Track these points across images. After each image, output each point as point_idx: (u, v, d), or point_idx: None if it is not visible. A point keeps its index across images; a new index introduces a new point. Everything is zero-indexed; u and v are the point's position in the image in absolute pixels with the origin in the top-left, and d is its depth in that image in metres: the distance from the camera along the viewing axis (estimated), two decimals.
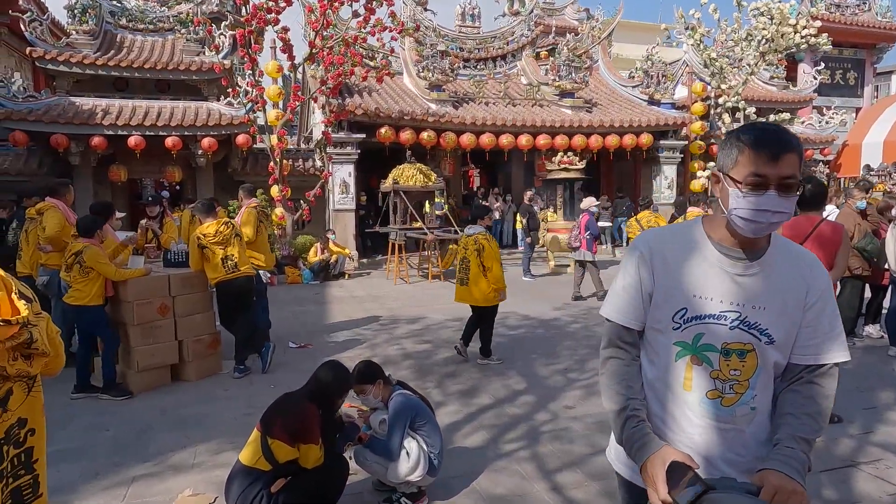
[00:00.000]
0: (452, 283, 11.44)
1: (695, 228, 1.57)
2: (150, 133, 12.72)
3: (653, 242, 1.58)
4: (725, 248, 1.50)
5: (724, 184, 1.45)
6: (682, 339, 1.52)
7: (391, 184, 11.00)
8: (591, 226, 8.99)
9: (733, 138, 1.45)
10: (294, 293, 10.31)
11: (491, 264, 5.36)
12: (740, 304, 1.47)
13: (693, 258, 1.52)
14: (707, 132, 16.57)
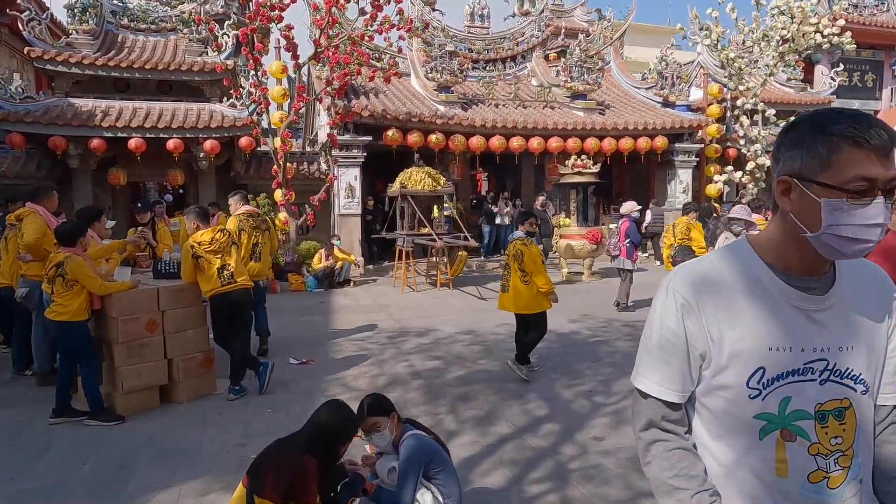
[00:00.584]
0: (461, 292, 11.14)
1: (745, 255, 1.19)
2: (151, 135, 12.36)
3: (696, 282, 1.18)
4: (793, 277, 1.16)
5: (805, 193, 1.08)
6: (765, 411, 1.13)
7: (398, 188, 10.58)
8: (631, 233, 8.50)
9: (814, 130, 1.06)
10: (297, 301, 9.89)
11: (531, 269, 5.10)
12: (826, 349, 1.14)
13: (755, 297, 1.15)
14: (723, 135, 16.09)
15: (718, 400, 1.17)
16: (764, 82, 14.98)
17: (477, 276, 12.88)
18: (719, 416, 1.18)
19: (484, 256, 14.89)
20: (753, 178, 15.21)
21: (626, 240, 8.51)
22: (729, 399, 1.15)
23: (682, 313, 1.17)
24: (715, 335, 1.15)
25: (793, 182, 1.10)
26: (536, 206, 11.04)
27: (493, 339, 7.03)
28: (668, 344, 1.18)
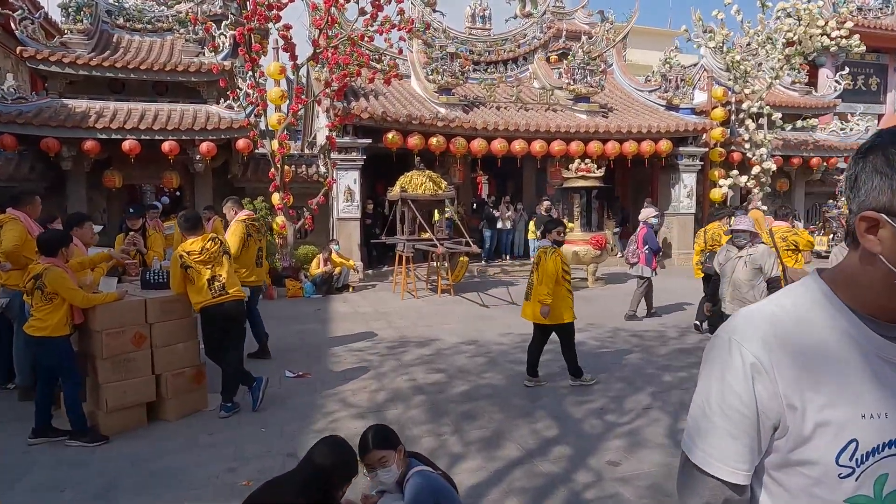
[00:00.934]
0: (463, 299, 10.89)
1: (824, 299, 0.96)
2: (146, 137, 12.09)
3: (768, 335, 0.94)
4: (883, 326, 0.94)
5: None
6: (860, 493, 0.91)
7: (399, 192, 10.33)
8: (649, 239, 8.30)
9: None
10: (294, 308, 9.63)
11: (542, 279, 5.15)
12: None
13: (842, 352, 0.93)
14: (727, 139, 15.86)
15: (798, 478, 0.94)
16: (770, 85, 14.77)
17: (478, 282, 12.63)
18: (798, 498, 0.95)
19: (485, 261, 14.63)
20: (759, 183, 14.99)
21: (645, 246, 8.28)
22: (812, 478, 0.93)
23: (753, 375, 0.93)
24: (796, 401, 0.91)
25: (881, 218, 0.88)
26: (541, 210, 10.70)
27: (497, 349, 6.78)
28: (734, 413, 0.95)
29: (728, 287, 5.02)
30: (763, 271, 4.87)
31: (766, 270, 4.86)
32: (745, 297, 4.86)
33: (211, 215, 10.07)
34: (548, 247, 5.35)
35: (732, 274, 4.98)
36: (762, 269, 4.86)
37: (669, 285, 11.53)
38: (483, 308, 9.47)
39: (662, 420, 4.51)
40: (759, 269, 4.86)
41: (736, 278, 4.95)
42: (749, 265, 4.89)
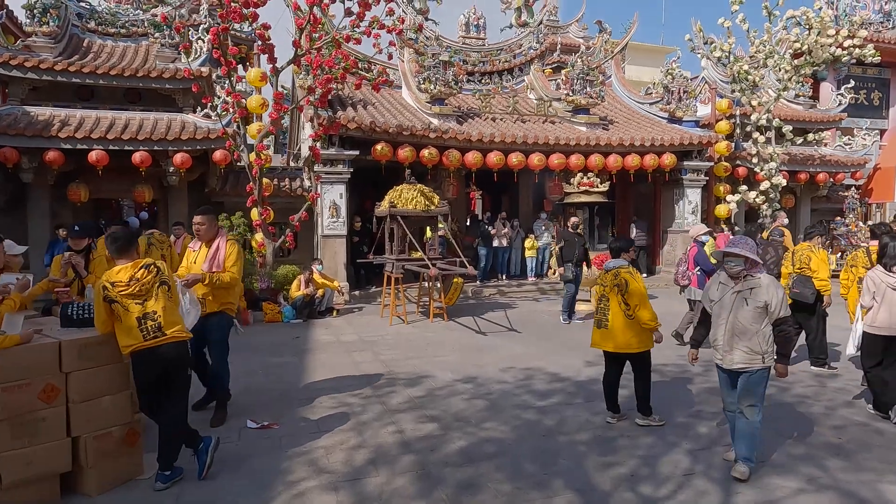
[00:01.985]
0: (457, 324, 9.96)
1: None
2: (115, 147, 11.16)
3: None
4: None
5: None
6: None
7: (387, 207, 9.46)
8: (701, 259, 7.49)
9: None
10: (271, 336, 8.67)
11: (636, 302, 4.63)
12: None
13: None
14: (732, 152, 15.16)
15: None
16: (778, 97, 14.10)
17: (474, 305, 11.73)
18: None
19: (480, 282, 13.74)
20: (768, 199, 14.26)
21: (697, 267, 7.51)
22: None
23: None
24: None
25: None
26: (566, 226, 9.85)
27: (498, 389, 5.86)
28: None
29: (725, 332, 3.85)
30: (769, 310, 3.74)
31: (772, 308, 3.73)
32: (752, 344, 3.76)
33: (181, 232, 9.17)
34: (626, 266, 4.82)
35: (731, 315, 3.82)
36: (767, 308, 3.74)
37: (678, 309, 10.68)
38: (480, 336, 8.57)
39: (711, 494, 3.60)
40: (764, 308, 3.74)
41: (737, 321, 3.79)
42: (751, 303, 3.76)
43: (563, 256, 9.36)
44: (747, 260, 3.78)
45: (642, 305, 4.60)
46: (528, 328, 9.08)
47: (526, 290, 13.32)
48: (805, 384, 6.02)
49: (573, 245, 9.30)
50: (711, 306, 4.00)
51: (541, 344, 7.92)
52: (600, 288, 4.85)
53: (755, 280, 3.81)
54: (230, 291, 5.01)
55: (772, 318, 3.76)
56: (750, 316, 3.76)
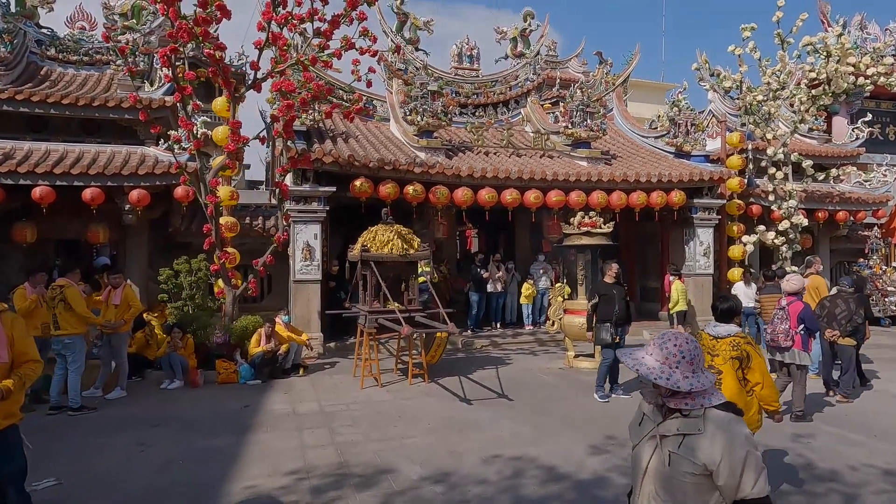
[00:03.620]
0: (440, 387, 8.50)
1: None
2: (62, 182, 10.04)
3: None
4: None
5: None
6: None
7: (359, 251, 8.23)
8: (807, 317, 6.34)
9: None
10: (215, 404, 7.32)
11: (760, 378, 4.04)
12: None
13: None
14: (745, 189, 14.01)
15: None
16: (794, 129, 13.02)
17: (462, 359, 10.39)
18: None
19: (472, 331, 12.41)
20: (788, 240, 13.02)
21: (801, 326, 6.32)
22: None
23: None
24: None
25: None
26: (605, 279, 7.77)
27: (476, 495, 4.50)
28: None
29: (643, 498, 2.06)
30: (716, 480, 1.91)
31: (720, 478, 1.89)
32: None
33: (119, 281, 7.92)
34: (744, 334, 4.14)
35: (644, 479, 2.05)
36: (713, 476, 1.91)
37: None
38: (464, 405, 7.21)
39: None
40: (706, 477, 1.92)
41: (655, 495, 2.01)
42: (680, 464, 1.94)
43: (600, 315, 7.56)
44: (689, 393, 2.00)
45: (767, 384, 4.04)
46: (521, 394, 7.72)
47: (522, 342, 11.96)
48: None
49: (612, 300, 7.49)
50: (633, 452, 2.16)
51: (536, 420, 6.55)
52: (708, 357, 4.10)
53: (691, 421, 1.95)
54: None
55: (729, 499, 1.92)
56: (678, 487, 1.95)
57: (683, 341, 1.99)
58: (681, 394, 1.96)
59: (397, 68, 14.68)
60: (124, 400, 7.56)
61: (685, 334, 2.05)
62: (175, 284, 10.30)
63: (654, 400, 2.06)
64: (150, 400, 7.57)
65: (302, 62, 7.60)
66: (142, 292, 11.38)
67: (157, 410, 7.05)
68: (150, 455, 5.42)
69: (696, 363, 1.98)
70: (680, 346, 1.98)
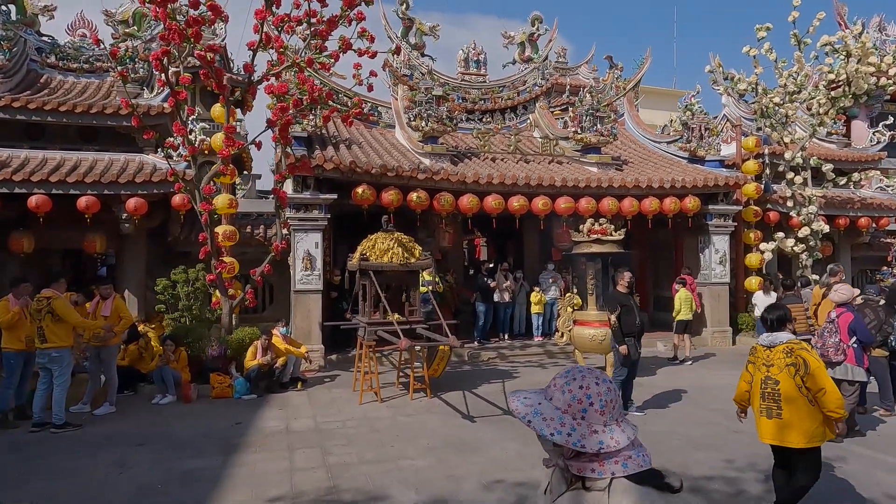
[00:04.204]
0: (442, 403, 8.14)
1: None
2: (58, 191, 9.82)
3: None
4: None
5: None
6: None
7: (358, 260, 7.88)
8: (858, 328, 5.95)
9: None
10: (206, 421, 6.98)
11: (822, 384, 3.77)
12: None
13: None
14: (762, 195, 13.51)
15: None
16: (813, 132, 12.54)
17: (467, 372, 9.99)
18: None
19: (478, 343, 12.00)
20: (808, 247, 12.51)
21: (853, 338, 5.94)
22: None
23: None
24: None
25: None
26: (619, 289, 7.15)
27: None
28: None
29: None
30: None
31: None
32: None
33: (109, 292, 7.62)
34: (795, 340, 3.94)
35: None
36: None
37: (713, 381, 8.86)
38: (466, 423, 6.80)
39: None
40: None
41: None
42: None
43: (623, 329, 6.83)
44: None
45: (831, 389, 3.79)
46: None
47: (531, 354, 11.54)
48: None
49: (632, 311, 6.90)
50: None
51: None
52: (764, 368, 3.92)
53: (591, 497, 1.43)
54: None
55: None
56: None
57: (593, 382, 1.44)
58: (586, 455, 1.42)
59: (402, 74, 14.43)
60: (113, 416, 7.24)
61: (597, 372, 1.49)
62: (172, 295, 10.02)
63: (556, 461, 1.51)
64: (139, 416, 7.25)
65: (298, 64, 7.31)
66: (140, 303, 11.13)
67: (144, 427, 6.72)
68: (128, 478, 5.08)
69: (610, 412, 1.43)
70: (588, 388, 1.42)
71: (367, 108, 14.40)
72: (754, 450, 5.62)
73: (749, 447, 5.71)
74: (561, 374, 1.49)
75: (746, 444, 5.80)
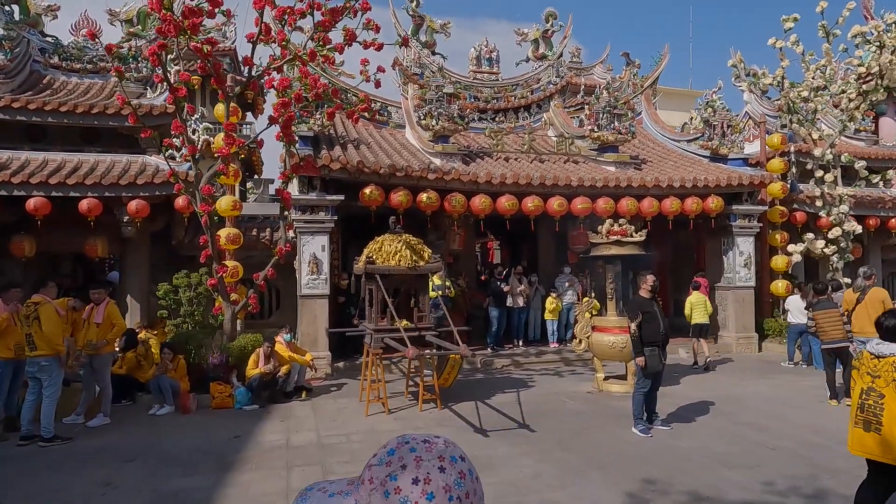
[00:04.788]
0: (453, 415, 7.34)
1: None
2: (58, 193, 9.57)
3: None
4: None
5: None
6: None
7: (364, 264, 7.47)
8: None
9: None
10: (203, 433, 6.60)
11: None
12: None
13: None
14: (788, 195, 12.91)
15: None
16: (843, 128, 11.93)
17: (481, 380, 9.54)
18: None
19: (491, 349, 11.54)
20: (839, 249, 11.90)
21: None
22: None
23: None
24: None
25: None
26: (641, 294, 6.61)
27: None
28: None
29: None
30: None
31: None
32: None
33: (100, 297, 7.26)
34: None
35: None
36: None
37: (741, 391, 8.31)
38: (479, 437, 6.35)
39: None
40: None
41: None
42: None
43: (644, 337, 6.25)
44: None
45: None
46: (545, 423, 6.83)
47: (546, 361, 11.05)
48: None
49: (655, 317, 6.35)
50: None
51: (561, 456, 5.66)
52: (868, 378, 3.62)
53: None
54: None
55: None
56: None
57: (436, 467, 0.88)
58: None
59: (413, 73, 14.06)
60: (106, 428, 6.89)
61: (441, 446, 0.92)
62: (174, 300, 9.69)
63: None
64: (133, 428, 6.89)
65: (300, 57, 6.94)
66: (143, 309, 10.83)
67: (137, 441, 6.36)
68: (111, 499, 4.70)
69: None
70: (428, 480, 0.86)
71: (377, 108, 14.08)
72: (794, 470, 5.12)
73: (788, 466, 5.21)
74: (382, 455, 0.91)
75: (785, 463, 5.29)
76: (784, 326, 12.38)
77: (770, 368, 10.50)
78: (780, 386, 8.95)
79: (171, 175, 8.16)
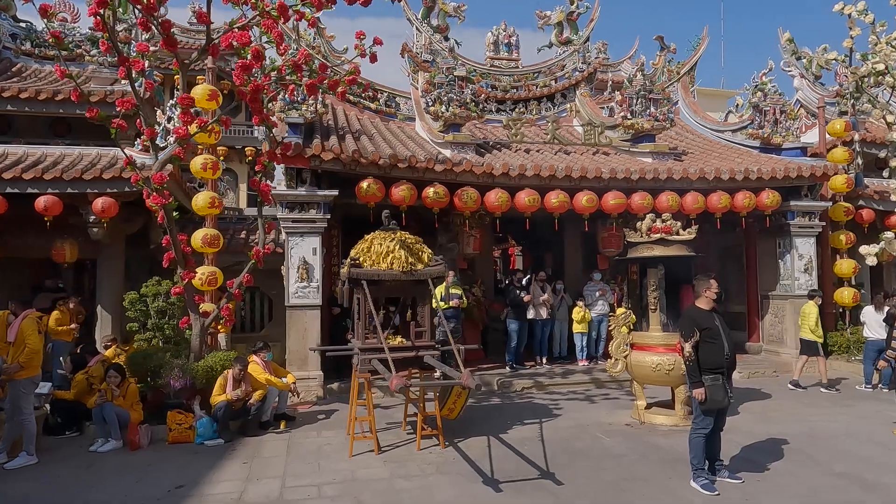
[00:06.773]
0: (458, 457, 5.37)
1: None
2: (13, 190, 8.41)
3: None
4: None
5: None
6: None
7: (349, 267, 6.07)
8: None
9: None
10: (140, 481, 5.23)
11: None
12: None
13: None
14: (853, 189, 11.17)
15: None
16: None
17: (496, 406, 8.03)
18: None
19: (510, 368, 10.02)
20: None
21: None
22: None
23: None
24: None
25: None
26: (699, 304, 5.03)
27: None
28: None
29: None
30: None
31: None
32: None
33: (19, 310, 5.98)
34: None
35: None
36: None
37: (821, 424, 6.64)
38: (489, 492, 4.85)
39: None
40: None
41: None
42: None
43: (704, 362, 4.79)
44: None
45: None
46: (576, 471, 5.30)
47: (575, 382, 9.46)
48: None
49: (718, 336, 4.84)
50: None
51: None
52: None
53: None
54: None
55: None
56: None
57: None
58: None
59: (423, 60, 12.69)
60: (30, 469, 5.57)
61: None
62: (141, 312, 8.41)
63: None
64: (63, 470, 5.56)
65: (268, 13, 5.62)
66: (115, 321, 9.62)
67: (58, 490, 5.03)
68: None
69: None
70: None
71: (384, 99, 12.78)
72: None
73: None
74: None
75: None
76: (852, 342, 10.64)
77: (844, 393, 8.79)
78: (865, 417, 7.27)
79: (128, 163, 6.88)
